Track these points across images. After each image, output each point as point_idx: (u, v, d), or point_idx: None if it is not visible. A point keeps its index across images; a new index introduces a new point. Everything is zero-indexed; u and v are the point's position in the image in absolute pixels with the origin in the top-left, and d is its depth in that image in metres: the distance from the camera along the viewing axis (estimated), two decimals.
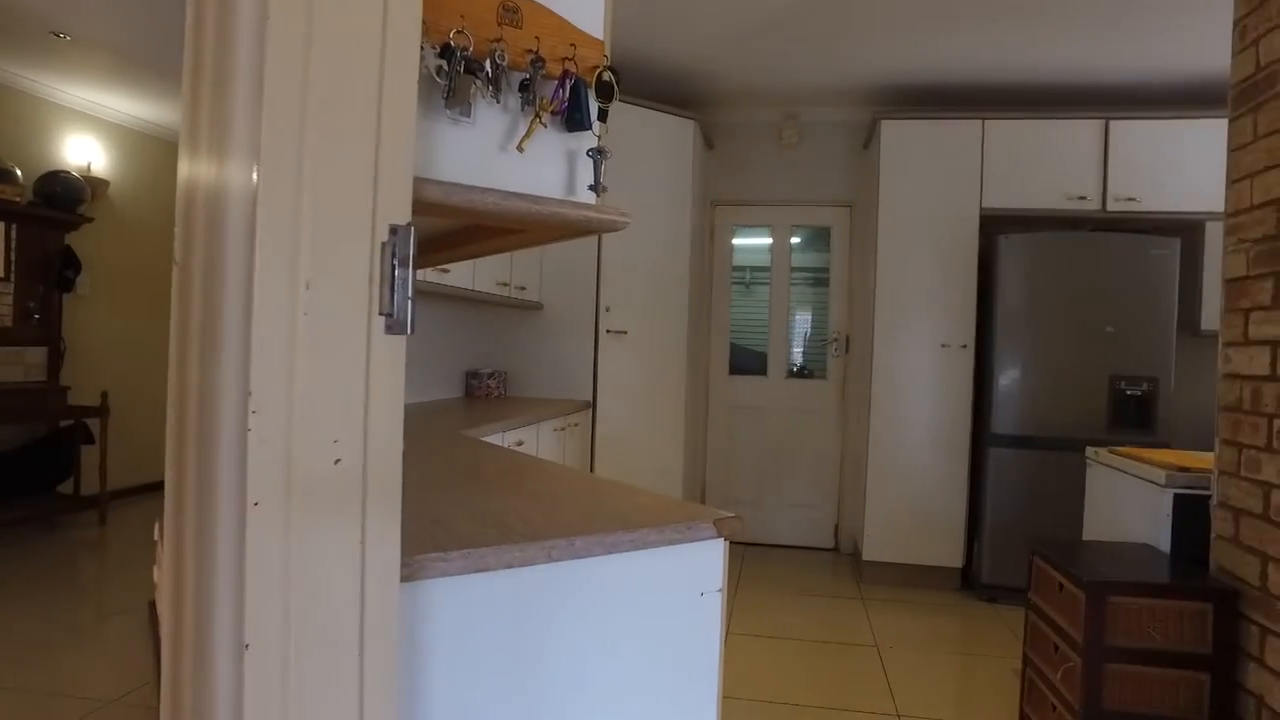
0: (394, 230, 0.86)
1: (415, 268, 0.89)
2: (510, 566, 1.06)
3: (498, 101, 1.06)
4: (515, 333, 4.24)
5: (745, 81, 4.28)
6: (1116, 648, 2.02)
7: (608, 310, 4.09)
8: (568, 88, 1.08)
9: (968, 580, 4.03)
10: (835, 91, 4.37)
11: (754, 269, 5.00)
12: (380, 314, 0.86)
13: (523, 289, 3.92)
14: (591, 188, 1.13)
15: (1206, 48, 3.49)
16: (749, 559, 4.50)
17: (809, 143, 4.74)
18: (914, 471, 4.02)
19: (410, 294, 0.88)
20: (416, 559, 0.98)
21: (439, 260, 1.86)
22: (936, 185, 3.97)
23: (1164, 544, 2.31)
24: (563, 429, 3.68)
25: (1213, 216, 3.79)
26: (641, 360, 4.15)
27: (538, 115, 1.07)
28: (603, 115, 1.14)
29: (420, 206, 1.01)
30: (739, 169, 4.82)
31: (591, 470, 4.04)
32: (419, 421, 2.81)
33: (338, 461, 0.81)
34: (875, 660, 3.08)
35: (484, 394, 4.07)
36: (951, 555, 4.00)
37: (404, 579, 0.96)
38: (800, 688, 2.82)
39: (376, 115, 0.83)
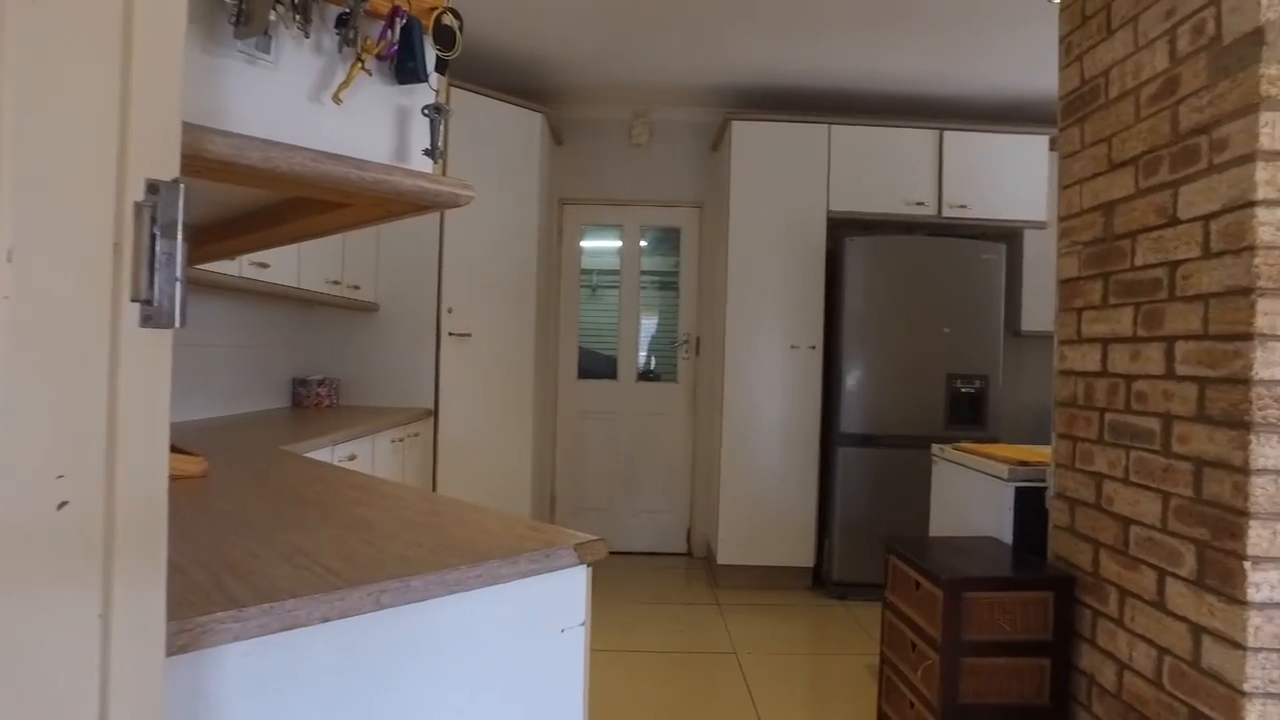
0: (154, 188, 0.64)
1: (188, 241, 0.67)
2: (328, 620, 0.85)
3: (307, 37, 0.84)
4: (349, 336, 3.89)
5: (595, 76, 4.15)
6: (971, 642, 2.04)
7: (450, 312, 3.82)
8: (397, 28, 0.88)
9: (819, 579, 4.09)
10: (686, 90, 4.33)
11: (601, 272, 4.89)
12: (134, 300, 0.63)
13: (356, 288, 3.59)
14: (428, 153, 0.94)
15: (1023, 68, 3.73)
16: (600, 569, 4.35)
17: (659, 142, 4.68)
18: (765, 473, 4.04)
19: (180, 274, 0.65)
20: (197, 622, 0.75)
21: (248, 245, 1.59)
22: (785, 187, 4.02)
23: (1007, 536, 2.38)
24: (401, 440, 3.39)
25: (1030, 225, 4.06)
26: (487, 364, 3.92)
27: (359, 59, 0.87)
28: (441, 67, 0.95)
29: (203, 165, 0.79)
30: (588, 167, 4.69)
31: (434, 483, 3.76)
32: (229, 437, 2.45)
33: (63, 505, 0.58)
34: (734, 667, 3.02)
35: (313, 404, 3.69)
36: (803, 555, 4.04)
37: (178, 650, 0.73)
38: (659, 703, 2.71)
39: (122, 24, 0.61)
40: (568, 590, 1.09)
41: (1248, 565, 1.59)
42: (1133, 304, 1.97)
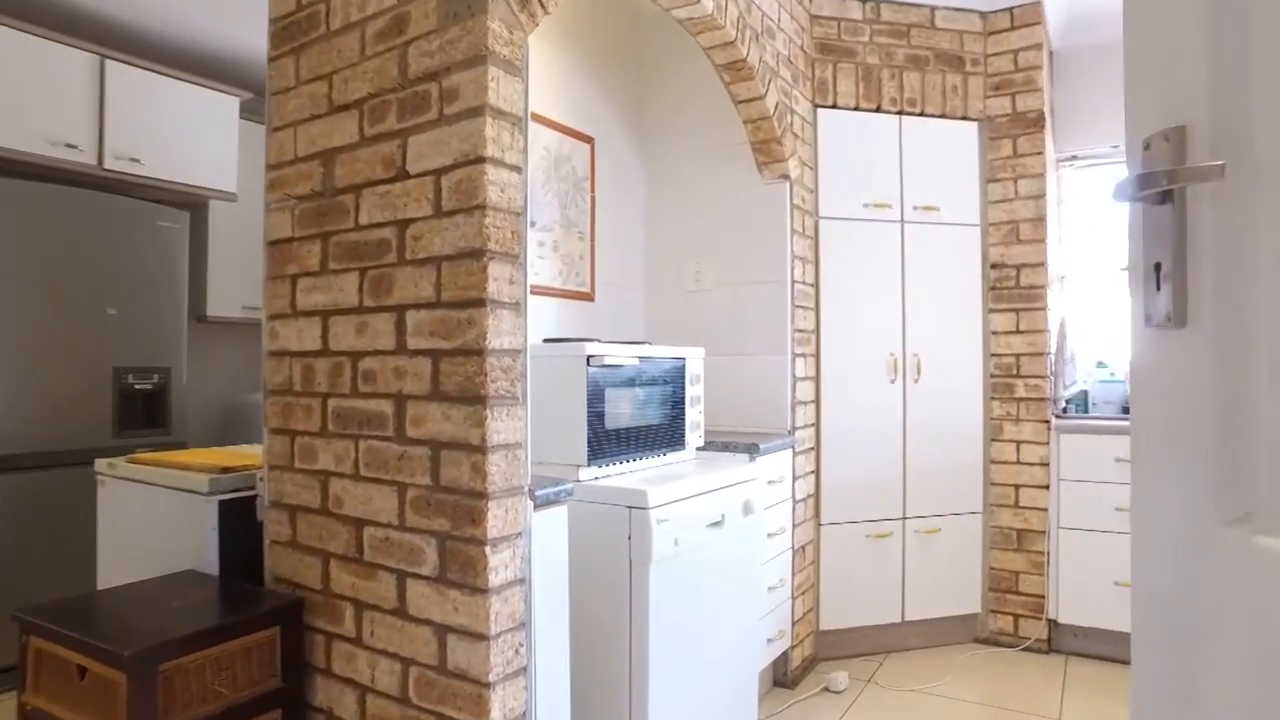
0: None
1: None
2: None
3: None
4: None
5: None
6: None
7: None
8: None
9: None
10: None
11: None
12: None
13: None
14: None
15: (218, 11, 3.18)
16: None
17: None
18: None
19: None
20: None
21: None
22: None
23: (214, 565, 1.86)
24: None
25: (218, 195, 3.53)
26: None
27: None
28: None
29: None
30: None
31: None
32: None
33: None
34: None
35: None
36: None
37: None
38: None
39: None
40: None
41: (488, 550, 1.49)
42: (358, 269, 1.71)
